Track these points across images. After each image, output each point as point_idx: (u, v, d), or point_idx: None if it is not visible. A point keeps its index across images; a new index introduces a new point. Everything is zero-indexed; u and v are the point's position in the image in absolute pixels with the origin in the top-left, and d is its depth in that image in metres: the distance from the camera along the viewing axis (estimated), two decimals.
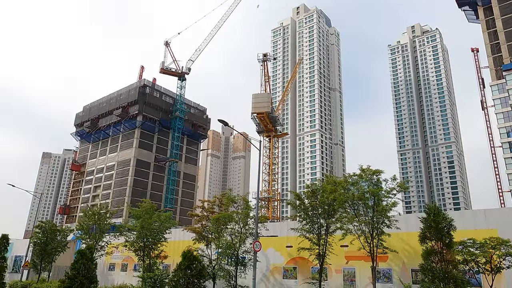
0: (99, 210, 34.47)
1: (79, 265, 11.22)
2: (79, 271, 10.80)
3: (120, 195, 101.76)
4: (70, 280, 10.71)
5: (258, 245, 20.81)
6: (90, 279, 11.05)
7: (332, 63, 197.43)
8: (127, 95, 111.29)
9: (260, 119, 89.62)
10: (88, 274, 10.87)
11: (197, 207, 27.26)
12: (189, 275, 13.85)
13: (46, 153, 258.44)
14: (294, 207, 22.32)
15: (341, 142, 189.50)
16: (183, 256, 14.75)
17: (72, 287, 10.49)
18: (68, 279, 10.62)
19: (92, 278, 11.42)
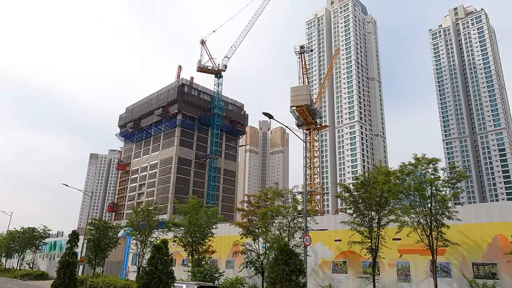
0: (147, 207, 35.44)
1: (156, 260, 11.03)
2: (156, 266, 10.66)
3: (164, 192, 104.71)
4: (149, 276, 10.62)
5: (308, 239, 20.45)
6: (167, 275, 10.92)
7: (369, 52, 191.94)
8: (166, 94, 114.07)
9: (299, 112, 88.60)
10: (165, 270, 10.76)
11: (243, 201, 27.25)
12: (287, 271, 12.97)
13: (93, 154, 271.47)
14: (343, 199, 21.70)
15: (381, 133, 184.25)
16: (280, 250, 13.71)
17: (150, 283, 10.30)
18: (146, 274, 10.56)
19: (169, 273, 11.28)
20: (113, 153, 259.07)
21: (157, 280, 10.36)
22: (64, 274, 9.94)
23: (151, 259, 11.28)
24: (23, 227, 57.96)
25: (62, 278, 9.73)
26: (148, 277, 10.37)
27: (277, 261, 13.23)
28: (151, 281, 10.21)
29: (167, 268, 10.94)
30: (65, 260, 10.36)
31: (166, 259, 11.04)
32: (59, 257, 61.28)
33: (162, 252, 11.00)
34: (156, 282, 10.25)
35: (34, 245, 56.59)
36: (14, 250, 59.55)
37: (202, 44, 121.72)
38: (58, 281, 9.64)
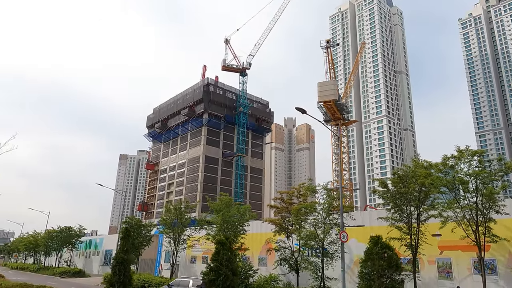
0: (179, 205, 35.82)
1: (221, 256, 10.70)
2: (221, 262, 10.40)
3: (192, 191, 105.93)
4: (215, 272, 10.33)
5: (345, 236, 20.02)
6: (233, 271, 10.63)
7: (396, 45, 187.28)
8: (192, 94, 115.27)
9: (327, 107, 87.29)
10: (230, 266, 10.47)
11: (276, 198, 27.04)
12: (384, 266, 11.73)
13: (123, 155, 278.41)
14: (380, 195, 21.10)
15: (410, 127, 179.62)
16: (373, 243, 12.15)
17: (217, 280, 9.99)
18: (212, 271, 10.31)
19: (234, 270, 10.95)
20: (142, 154, 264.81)
21: (224, 277, 10.05)
22: (119, 271, 9.92)
23: (216, 255, 10.93)
24: (59, 226, 59.96)
25: (117, 274, 9.67)
26: (214, 274, 10.03)
27: (370, 255, 11.85)
28: (217, 278, 9.91)
29: (232, 264, 10.60)
30: (119, 256, 10.35)
31: (230, 255, 10.67)
32: (94, 255, 63.27)
33: (226, 248, 10.67)
34: (222, 278, 9.94)
35: (70, 243, 58.43)
36: (52, 248, 61.68)
37: (226, 43, 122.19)
38: (114, 277, 9.64)
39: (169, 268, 46.05)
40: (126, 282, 9.59)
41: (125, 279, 9.71)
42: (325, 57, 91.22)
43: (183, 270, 43.80)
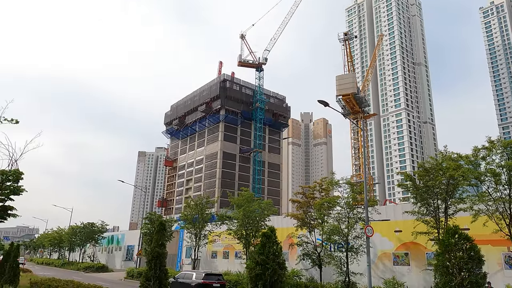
0: (200, 201, 36.01)
1: (267, 250, 10.10)
2: (268, 256, 10.03)
3: (211, 186, 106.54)
4: (261, 266, 9.97)
5: (371, 230, 19.67)
6: (280, 265, 10.26)
7: (414, 36, 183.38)
8: (209, 91, 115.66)
9: (345, 101, 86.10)
10: (277, 259, 10.17)
11: (298, 193, 26.82)
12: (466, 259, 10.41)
13: (141, 152, 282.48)
14: (406, 189, 20.63)
15: (430, 120, 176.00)
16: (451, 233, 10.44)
17: (264, 274, 9.57)
18: (258, 265, 10.00)
19: (281, 263, 10.53)
20: (160, 150, 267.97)
21: (271, 271, 9.72)
22: (155, 265, 9.82)
23: (262, 248, 10.25)
24: (82, 222, 61.21)
25: (153, 269, 9.59)
26: (261, 268, 9.64)
27: (447, 246, 10.44)
28: (264, 272, 9.59)
29: (279, 257, 10.29)
30: (155, 251, 10.25)
31: (276, 248, 10.34)
32: (117, 250, 64.38)
33: (272, 241, 10.32)
34: (270, 273, 9.64)
35: (93, 239, 59.58)
36: (76, 244, 63.05)
37: (242, 38, 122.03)
38: (150, 272, 9.56)
39: (190, 263, 46.45)
40: (162, 277, 9.47)
41: (161, 273, 9.58)
42: (343, 50, 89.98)
43: (204, 265, 44.12)
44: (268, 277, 9.55)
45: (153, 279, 9.57)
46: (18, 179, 20.70)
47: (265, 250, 9.99)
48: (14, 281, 16.94)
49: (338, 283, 21.54)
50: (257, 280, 9.59)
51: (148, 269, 10.19)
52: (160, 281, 9.71)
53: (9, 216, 21.72)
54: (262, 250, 10.15)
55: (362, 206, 23.25)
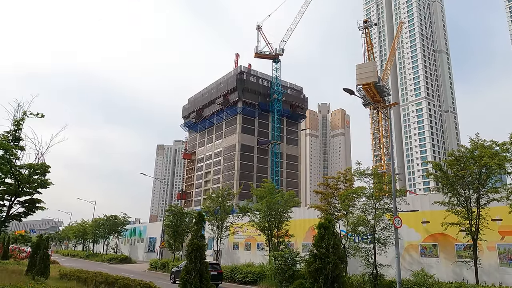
0: (222, 192, 36.04)
1: (327, 242, 9.44)
2: (327, 248, 9.47)
3: (229, 179, 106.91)
4: (321, 260, 9.41)
5: (399, 221, 19.16)
6: (340, 258, 9.56)
7: (435, 23, 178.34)
8: (226, 83, 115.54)
9: (366, 90, 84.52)
10: (338, 252, 9.55)
11: (321, 184, 26.40)
12: None
13: (160, 146, 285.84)
14: (435, 179, 19.98)
15: (452, 108, 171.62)
16: None
17: (325, 269, 9.04)
18: (318, 259, 9.45)
19: (341, 256, 9.71)
20: (178, 144, 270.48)
21: (333, 265, 9.15)
22: (195, 258, 9.62)
23: (320, 241, 9.54)
24: (105, 215, 62.36)
25: (193, 262, 9.40)
26: (321, 262, 9.08)
27: None
28: (325, 266, 9.10)
29: (338, 250, 9.70)
30: (194, 243, 10.06)
31: (335, 240, 9.71)
32: (139, 242, 65.40)
33: (330, 232, 9.73)
34: (332, 267, 9.09)
35: (116, 231, 60.64)
36: (99, 236, 64.33)
37: (258, 29, 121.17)
38: (190, 265, 9.38)
39: (211, 255, 46.74)
40: (203, 270, 9.24)
41: (202, 266, 9.37)
42: (363, 39, 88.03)
43: (226, 257, 44.27)
44: (330, 271, 8.97)
45: (194, 272, 9.37)
46: (45, 172, 21.01)
47: (324, 242, 9.32)
48: (45, 273, 17.27)
49: (365, 275, 21.13)
50: (317, 275, 9.03)
51: (188, 262, 9.99)
52: (201, 275, 9.50)
53: (37, 209, 22.14)
54: (321, 242, 9.45)
55: (387, 196, 22.68)
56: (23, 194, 21.17)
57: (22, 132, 21.13)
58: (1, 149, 19.35)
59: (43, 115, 20.54)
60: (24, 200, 21.77)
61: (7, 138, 20.29)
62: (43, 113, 20.50)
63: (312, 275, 9.18)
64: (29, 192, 21.59)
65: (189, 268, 9.57)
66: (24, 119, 20.61)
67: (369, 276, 20.73)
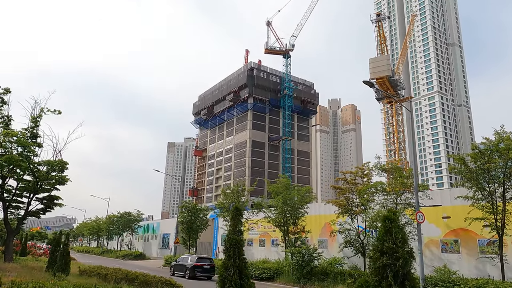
0: (237, 188, 35.85)
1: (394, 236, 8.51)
2: (395, 243, 8.65)
3: (240, 175, 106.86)
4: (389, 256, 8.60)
5: (422, 216, 18.72)
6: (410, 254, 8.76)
7: (447, 15, 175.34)
8: (236, 79, 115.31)
9: (379, 84, 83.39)
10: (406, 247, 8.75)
11: (339, 179, 26.01)
12: None
13: (170, 143, 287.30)
14: (458, 173, 19.46)
15: (465, 102, 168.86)
16: None
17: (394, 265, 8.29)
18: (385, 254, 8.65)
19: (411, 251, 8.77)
20: (188, 141, 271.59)
21: (403, 261, 8.51)
22: (234, 254, 9.34)
23: (386, 235, 8.69)
24: (119, 212, 62.77)
25: (232, 258, 9.13)
26: (389, 258, 8.41)
27: None
28: (394, 263, 8.48)
29: (406, 244, 8.97)
30: (232, 238, 9.78)
31: (403, 234, 8.92)
32: (152, 238, 65.74)
33: (396, 225, 8.96)
34: (402, 263, 8.49)
35: (130, 227, 61.01)
36: (113, 233, 64.80)
37: (268, 25, 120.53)
38: (228, 261, 9.12)
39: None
40: (242, 267, 8.95)
41: (241, 263, 9.09)
42: (376, 32, 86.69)
43: None
44: (400, 268, 8.33)
45: (233, 269, 9.09)
46: (63, 169, 21.04)
47: (391, 236, 8.57)
48: (65, 269, 17.30)
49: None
50: (384, 272, 8.40)
51: (226, 258, 9.69)
52: (240, 271, 9.21)
53: (55, 206, 22.20)
54: (387, 237, 8.66)
55: (408, 191, 22.20)
56: (41, 191, 21.23)
57: (39, 129, 21.15)
58: (19, 146, 19.39)
59: (60, 112, 20.55)
60: (43, 197, 21.86)
61: (25, 135, 20.34)
62: (60, 109, 20.48)
63: (379, 272, 8.61)
64: (47, 189, 21.66)
65: (227, 265, 9.29)
66: (42, 116, 20.66)
67: None
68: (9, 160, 18.24)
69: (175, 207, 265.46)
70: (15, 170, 20.31)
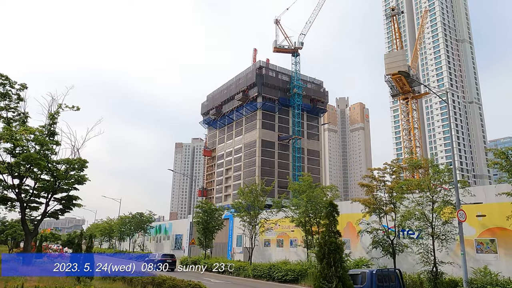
0: (256, 187, 34.86)
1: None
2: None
3: (250, 175, 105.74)
4: None
5: (463, 215, 17.59)
6: None
7: (457, 11, 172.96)
8: (245, 79, 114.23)
9: (395, 80, 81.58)
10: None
11: (366, 176, 24.88)
12: None
13: (178, 143, 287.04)
14: (500, 168, 18.27)
15: (476, 99, 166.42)
16: None
17: None
18: None
19: None
20: (196, 141, 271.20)
21: None
22: (335, 261, 8.00)
23: None
24: (131, 212, 62.09)
25: (333, 266, 7.77)
26: None
27: None
28: None
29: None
30: (331, 241, 8.40)
31: None
32: (165, 239, 64.96)
33: None
34: None
35: (143, 228, 60.29)
36: (125, 233, 64.15)
37: (276, 23, 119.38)
38: (328, 270, 7.76)
39: (241, 252, 45.64)
40: (345, 277, 7.68)
41: (343, 272, 7.81)
42: (390, 26, 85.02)
43: (257, 254, 43.17)
44: None
45: (335, 280, 7.84)
46: (83, 168, 20.18)
47: None
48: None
49: (424, 273, 19.60)
50: None
51: (325, 266, 8.31)
52: (343, 283, 7.98)
53: (74, 206, 21.37)
54: None
55: (444, 188, 21.01)
56: (59, 190, 20.38)
57: (56, 126, 20.31)
58: (37, 144, 18.54)
59: (78, 108, 19.71)
60: (61, 197, 21.02)
61: (42, 132, 19.50)
62: (78, 105, 19.61)
63: None
64: (65, 188, 20.82)
65: (327, 274, 8.05)
66: (59, 112, 19.82)
67: (429, 274, 19.20)
68: (27, 158, 17.45)
69: (184, 208, 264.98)
70: (32, 169, 19.54)
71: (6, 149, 18.99)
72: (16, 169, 19.06)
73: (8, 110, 19.46)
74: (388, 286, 15.27)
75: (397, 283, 15.89)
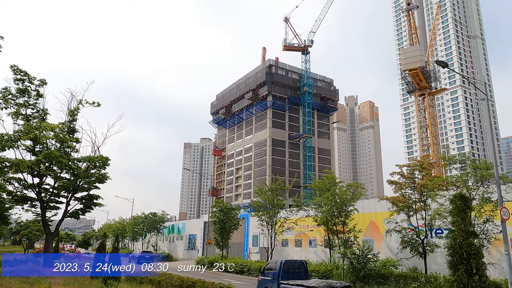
0: (275, 186, 34.01)
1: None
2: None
3: (261, 174, 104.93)
4: None
5: (507, 213, 16.55)
6: None
7: (468, 7, 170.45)
8: (254, 77, 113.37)
9: (412, 76, 79.97)
10: None
11: (394, 173, 23.88)
12: None
13: (187, 144, 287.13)
14: None
15: (489, 96, 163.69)
16: None
17: None
18: None
19: None
20: (204, 141, 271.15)
21: None
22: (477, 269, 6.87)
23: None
24: (143, 212, 61.64)
25: (474, 275, 6.70)
26: None
27: None
28: None
29: None
30: (468, 243, 7.25)
31: None
32: (178, 239, 64.36)
33: None
34: None
35: (156, 228, 59.80)
36: (138, 233, 63.74)
37: (286, 21, 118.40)
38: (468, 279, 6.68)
39: (258, 252, 44.80)
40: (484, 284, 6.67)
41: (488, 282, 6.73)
42: (406, 21, 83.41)
43: (274, 254, 42.33)
44: None
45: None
46: (105, 165, 19.49)
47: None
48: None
49: None
50: None
51: (463, 275, 7.11)
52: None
53: (95, 206, 20.73)
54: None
55: (482, 184, 19.97)
56: (80, 189, 19.73)
57: (76, 123, 19.65)
58: (57, 141, 17.88)
59: (99, 104, 19.04)
60: (81, 196, 20.38)
61: (62, 129, 18.86)
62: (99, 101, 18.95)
63: None
64: (85, 187, 20.17)
65: (466, 284, 7.07)
66: (79, 108, 19.16)
67: None
68: (48, 156, 16.84)
69: (193, 208, 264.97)
70: (52, 167, 18.93)
71: (26, 146, 18.43)
72: (36, 167, 18.49)
73: (27, 107, 18.91)
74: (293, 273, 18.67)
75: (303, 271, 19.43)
